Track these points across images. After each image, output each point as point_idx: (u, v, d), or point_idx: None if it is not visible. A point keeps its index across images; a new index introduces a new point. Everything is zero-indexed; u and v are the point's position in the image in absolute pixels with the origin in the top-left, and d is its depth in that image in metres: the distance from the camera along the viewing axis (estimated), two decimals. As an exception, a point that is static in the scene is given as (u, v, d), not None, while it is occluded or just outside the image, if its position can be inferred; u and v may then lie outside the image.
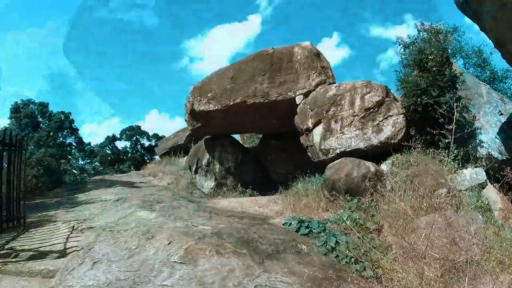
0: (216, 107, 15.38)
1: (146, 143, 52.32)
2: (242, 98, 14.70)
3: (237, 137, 22.88)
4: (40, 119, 43.49)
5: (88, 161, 50.67)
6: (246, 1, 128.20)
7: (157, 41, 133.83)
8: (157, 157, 35.56)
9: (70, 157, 45.13)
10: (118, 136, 52.17)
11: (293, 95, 14.18)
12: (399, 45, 15.93)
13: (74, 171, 46.36)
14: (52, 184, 29.43)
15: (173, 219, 9.61)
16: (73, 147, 45.82)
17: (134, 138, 51.85)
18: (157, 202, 12.54)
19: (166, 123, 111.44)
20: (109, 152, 51.00)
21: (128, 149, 52.15)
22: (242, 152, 18.33)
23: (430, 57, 12.58)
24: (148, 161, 47.59)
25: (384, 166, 11.97)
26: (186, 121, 17.79)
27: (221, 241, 7.79)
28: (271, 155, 17.76)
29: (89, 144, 49.08)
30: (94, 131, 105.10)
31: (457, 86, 12.60)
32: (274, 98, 14.32)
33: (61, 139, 43.25)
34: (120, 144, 52.80)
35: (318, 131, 12.90)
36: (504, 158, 11.54)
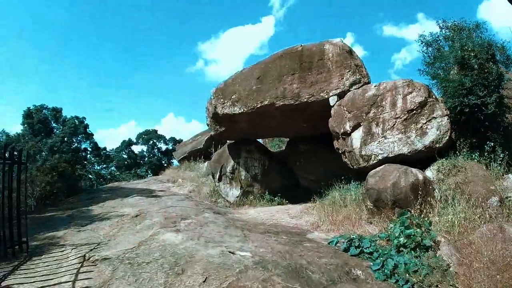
0: (242, 110, 14.39)
1: (163, 147, 52.46)
2: (270, 99, 13.71)
3: (259, 141, 21.91)
4: (53, 125, 43.42)
5: (104, 166, 50.57)
6: (258, 3, 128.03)
7: (172, 45, 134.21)
8: (175, 161, 34.78)
9: (85, 162, 45.01)
10: (135, 140, 52.33)
11: (326, 96, 13.18)
12: (421, 43, 15.41)
13: (90, 176, 46.22)
14: (67, 190, 29.25)
15: (204, 243, 8.41)
16: (88, 152, 45.85)
17: (151, 142, 51.86)
18: (182, 217, 11.44)
19: (182, 127, 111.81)
20: (125, 156, 50.97)
21: (145, 153, 52.21)
22: (268, 157, 17.36)
23: (472, 54, 11.71)
24: (165, 165, 47.40)
25: (429, 173, 10.97)
26: (208, 125, 16.88)
27: (267, 273, 6.63)
28: (300, 161, 16.73)
29: (104, 149, 49.04)
30: (109, 136, 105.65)
31: (502, 85, 11.78)
32: (305, 100, 13.32)
33: (76, 144, 43.19)
34: (137, 149, 52.98)
35: (357, 135, 11.89)
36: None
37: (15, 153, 9.15)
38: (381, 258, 7.65)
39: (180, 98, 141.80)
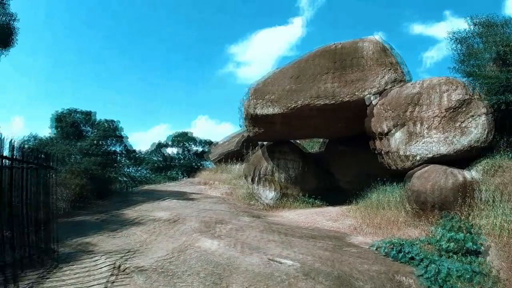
0: (278, 111, 14.43)
1: (196, 149, 52.30)
2: (306, 99, 13.72)
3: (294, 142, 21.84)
4: (84, 128, 43.86)
5: (136, 168, 50.93)
6: (287, 4, 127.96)
7: (202, 48, 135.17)
8: (208, 163, 34.91)
9: (117, 165, 45.30)
10: (167, 143, 52.49)
11: (363, 95, 13.11)
12: (452, 41, 15.15)
13: (121, 179, 46.53)
14: (98, 193, 29.66)
15: (243, 250, 8.31)
16: (120, 155, 46.22)
17: (183, 144, 52.05)
18: (218, 222, 11.50)
19: (214, 129, 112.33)
20: (157, 159, 51.32)
21: (177, 155, 52.53)
22: (304, 159, 17.31)
23: (507, 50, 11.54)
24: (198, 167, 47.50)
25: (471, 173, 10.70)
26: (242, 126, 16.99)
27: (312, 282, 6.53)
28: (336, 162, 16.74)
29: (136, 151, 49.27)
30: (141, 139, 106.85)
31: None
32: (341, 99, 13.29)
33: (108, 147, 43.48)
34: (169, 151, 53.07)
35: (397, 135, 11.76)
36: None
37: (42, 156, 9.05)
38: (425, 263, 7.56)
39: (211, 100, 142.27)
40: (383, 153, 12.31)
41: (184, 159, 51.89)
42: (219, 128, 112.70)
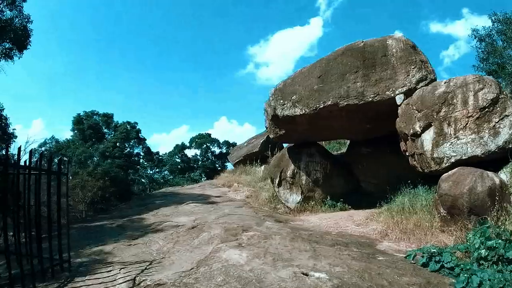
0: (303, 111, 14.12)
1: (217, 150, 53.00)
2: (333, 99, 13.40)
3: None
4: (105, 130, 44.28)
5: (157, 170, 51.31)
6: (305, 4, 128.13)
7: (221, 49, 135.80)
8: (229, 165, 34.86)
9: (138, 167, 45.73)
10: (188, 144, 52.88)
11: (392, 95, 12.75)
12: (474, 38, 14.82)
13: (143, 180, 47.04)
14: (120, 195, 30.00)
15: (272, 262, 7.85)
16: (141, 157, 46.49)
17: (204, 145, 52.36)
18: (243, 229, 11.20)
19: (235, 130, 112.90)
20: (178, 160, 51.58)
21: (198, 157, 52.78)
22: (330, 161, 17.01)
23: None
24: (219, 168, 47.75)
25: (504, 176, 10.28)
26: (266, 128, 16.76)
27: None
28: (362, 164, 16.40)
29: (157, 153, 49.72)
30: (162, 140, 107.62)
31: None
32: (370, 99, 12.94)
33: (128, 149, 43.81)
34: (190, 152, 53.73)
35: (429, 137, 11.38)
36: None
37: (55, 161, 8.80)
38: (465, 275, 7.17)
39: (232, 101, 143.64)
40: (415, 155, 11.94)
41: (205, 161, 52.35)
42: (240, 129, 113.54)
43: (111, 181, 27.81)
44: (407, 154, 12.60)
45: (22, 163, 7.69)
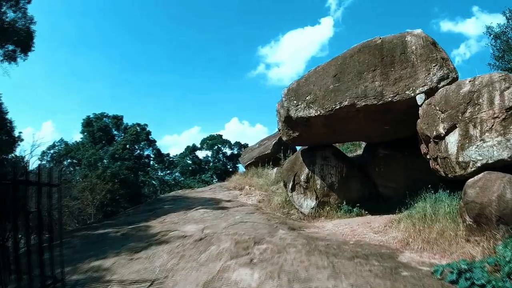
0: (318, 113, 13.48)
1: (228, 151, 52.73)
2: (350, 100, 12.75)
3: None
4: (115, 132, 44.14)
5: (168, 172, 50.98)
6: (316, 4, 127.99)
7: (232, 50, 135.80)
8: (241, 166, 34.40)
9: (148, 169, 45.46)
10: (199, 146, 52.52)
11: (412, 94, 12.06)
12: (489, 36, 14.26)
13: (153, 182, 46.74)
14: (130, 197, 29.88)
15: (288, 284, 7.23)
16: (151, 159, 46.22)
17: (216, 147, 52.10)
18: (254, 240, 10.51)
19: (247, 131, 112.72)
20: (189, 162, 51.25)
21: (209, 158, 52.55)
22: (346, 164, 16.30)
23: None
24: (231, 170, 47.45)
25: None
26: (279, 129, 16.18)
27: None
28: (380, 167, 15.74)
29: (168, 155, 49.53)
30: (173, 142, 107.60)
31: None
32: (389, 99, 12.26)
33: (138, 151, 43.58)
34: (201, 154, 53.54)
35: (453, 139, 10.65)
36: None
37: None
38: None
39: (243, 102, 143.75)
40: (438, 158, 11.25)
41: (217, 162, 52.02)
42: (252, 130, 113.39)
43: (120, 184, 28.26)
44: (427, 157, 11.96)
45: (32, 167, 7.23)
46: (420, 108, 11.92)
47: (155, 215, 15.81)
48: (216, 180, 45.14)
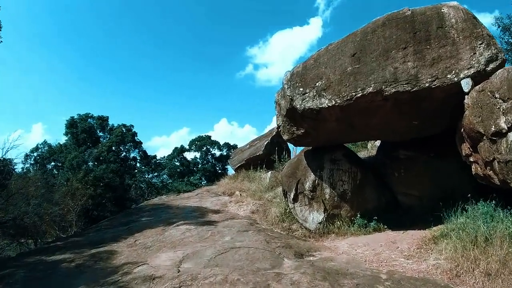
0: (333, 102, 9.90)
1: (217, 153, 50.39)
2: (376, 85, 9.27)
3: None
4: (100, 134, 41.29)
5: (156, 174, 48.24)
6: (304, 5, 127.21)
7: (220, 51, 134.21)
8: (230, 168, 31.61)
9: (135, 171, 42.83)
10: (187, 147, 50.15)
11: (456, 79, 8.73)
12: (498, 28, 14.12)
13: (141, 185, 43.87)
14: (115, 201, 27.71)
15: None
16: (137, 161, 43.51)
17: (204, 148, 49.88)
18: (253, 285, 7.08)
19: (236, 131, 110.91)
20: (177, 164, 48.77)
21: (198, 160, 50.17)
22: (361, 168, 12.78)
23: None
24: (220, 171, 45.14)
25: None
26: (278, 126, 12.60)
27: None
28: (400, 171, 12.27)
29: (154, 157, 47.08)
30: (162, 143, 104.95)
31: None
32: (427, 85, 8.87)
33: (124, 153, 40.77)
34: (190, 155, 51.09)
35: (517, 137, 7.42)
36: None
37: None
38: None
39: (232, 103, 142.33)
40: (495, 162, 7.93)
41: (206, 164, 49.39)
42: (241, 131, 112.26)
43: (105, 187, 26.97)
44: (471, 160, 8.95)
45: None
46: (467, 96, 8.68)
47: (129, 231, 12.59)
48: (205, 182, 42.88)
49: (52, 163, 40.11)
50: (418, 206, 11.53)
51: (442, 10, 9.43)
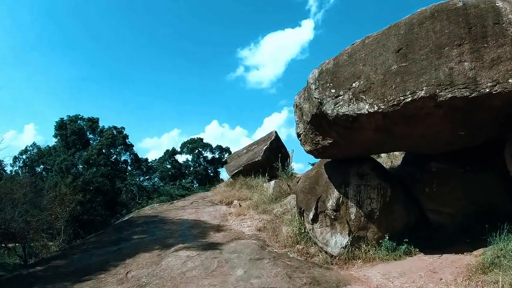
0: (376, 108, 7.95)
1: (209, 155, 49.46)
2: (429, 88, 7.42)
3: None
4: (90, 136, 39.62)
5: (147, 177, 46.88)
6: (296, 7, 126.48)
7: (211, 52, 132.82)
8: (222, 171, 30.10)
9: (126, 174, 41.34)
10: (179, 150, 49.00)
11: (523, 84, 7.04)
12: None
13: (132, 188, 42.38)
14: (106, 205, 26.52)
15: None
16: (128, 164, 42.05)
17: (196, 151, 49.03)
18: None
19: (227, 134, 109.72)
20: (169, 166, 47.65)
21: (190, 162, 49.29)
22: (390, 184, 10.79)
23: None
24: (212, 174, 44.10)
25: None
26: (298, 135, 10.62)
27: None
28: (432, 186, 10.48)
29: (146, 160, 45.99)
30: (154, 145, 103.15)
31: None
32: (487, 90, 7.15)
33: (115, 156, 39.18)
34: (181, 158, 50.11)
35: None
36: None
37: None
38: None
39: (223, 105, 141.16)
40: None
41: (197, 167, 48.21)
42: (232, 133, 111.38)
43: (95, 192, 26.59)
44: None
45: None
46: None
47: (119, 254, 10.67)
48: (197, 185, 41.32)
49: (41, 166, 39.39)
50: (451, 224, 9.96)
51: (497, 4, 7.77)
